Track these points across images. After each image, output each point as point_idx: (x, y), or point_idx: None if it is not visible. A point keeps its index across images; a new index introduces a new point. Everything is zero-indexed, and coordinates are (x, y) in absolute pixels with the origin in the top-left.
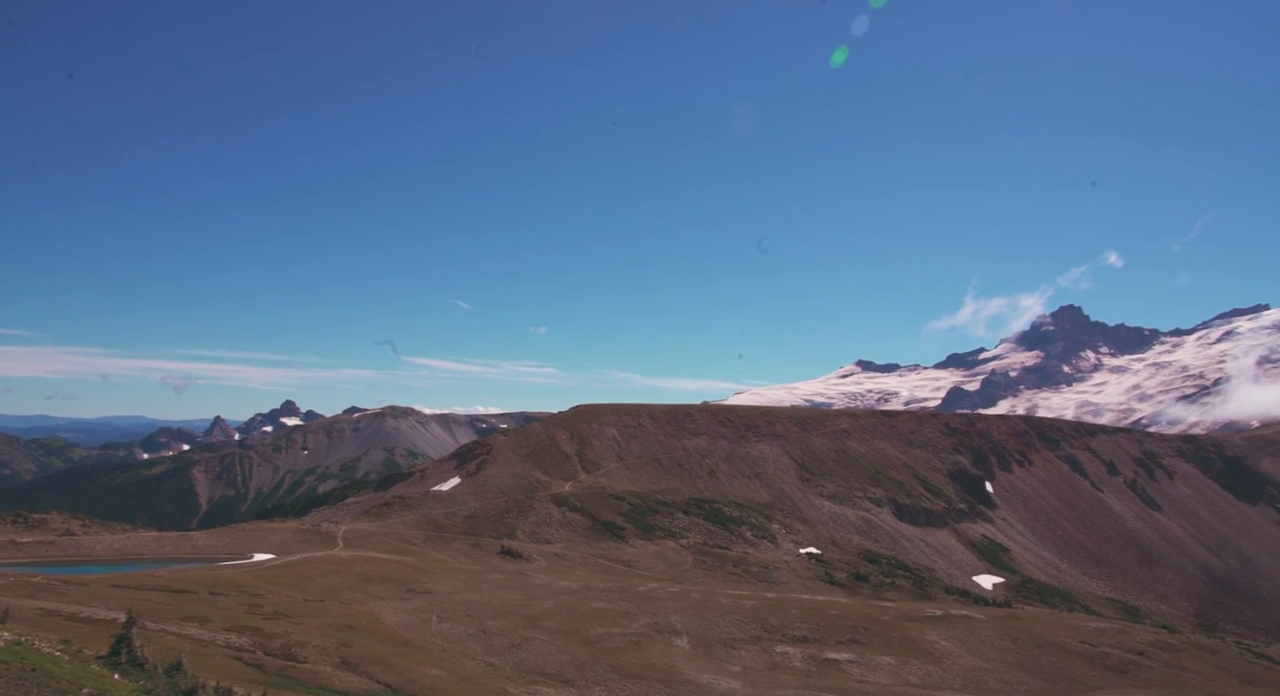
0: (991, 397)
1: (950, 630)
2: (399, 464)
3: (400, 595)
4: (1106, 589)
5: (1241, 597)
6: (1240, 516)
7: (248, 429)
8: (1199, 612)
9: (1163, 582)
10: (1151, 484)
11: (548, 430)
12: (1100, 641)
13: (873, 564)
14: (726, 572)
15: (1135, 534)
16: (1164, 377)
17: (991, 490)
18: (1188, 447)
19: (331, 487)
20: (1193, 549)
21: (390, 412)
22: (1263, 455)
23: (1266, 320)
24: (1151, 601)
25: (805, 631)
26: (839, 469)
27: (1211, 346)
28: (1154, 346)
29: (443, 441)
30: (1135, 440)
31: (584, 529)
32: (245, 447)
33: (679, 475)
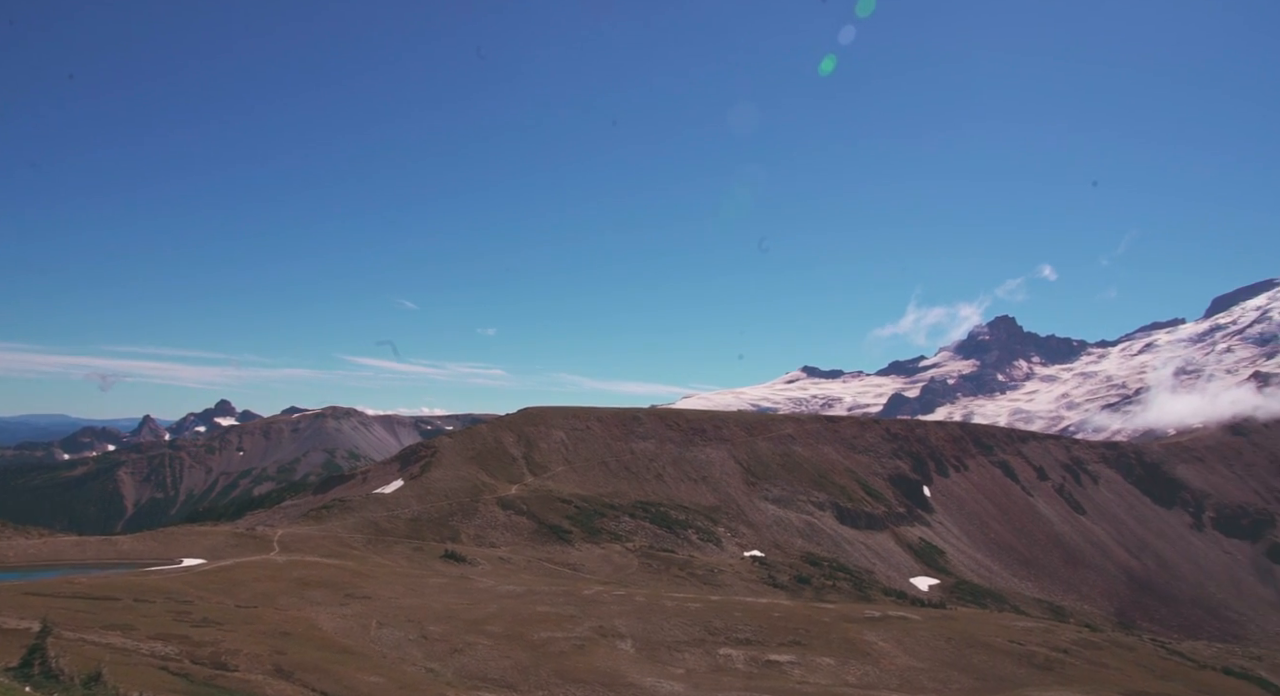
0: (931, 404)
1: (888, 631)
2: (340, 466)
3: (339, 600)
4: (1034, 589)
5: (1157, 597)
6: (1157, 520)
7: (179, 429)
8: (1119, 611)
9: (1086, 583)
10: (1077, 489)
11: (494, 432)
12: (1028, 640)
13: (815, 566)
14: (672, 575)
15: (1062, 537)
16: (1090, 387)
17: (929, 494)
18: (1111, 454)
19: (268, 490)
20: (1114, 551)
21: (332, 413)
22: (1178, 461)
23: (1183, 334)
24: (1076, 601)
25: (748, 633)
26: (784, 473)
27: (1133, 358)
28: (1081, 357)
29: (386, 443)
30: (1063, 446)
31: (530, 532)
32: (176, 448)
33: (626, 478)
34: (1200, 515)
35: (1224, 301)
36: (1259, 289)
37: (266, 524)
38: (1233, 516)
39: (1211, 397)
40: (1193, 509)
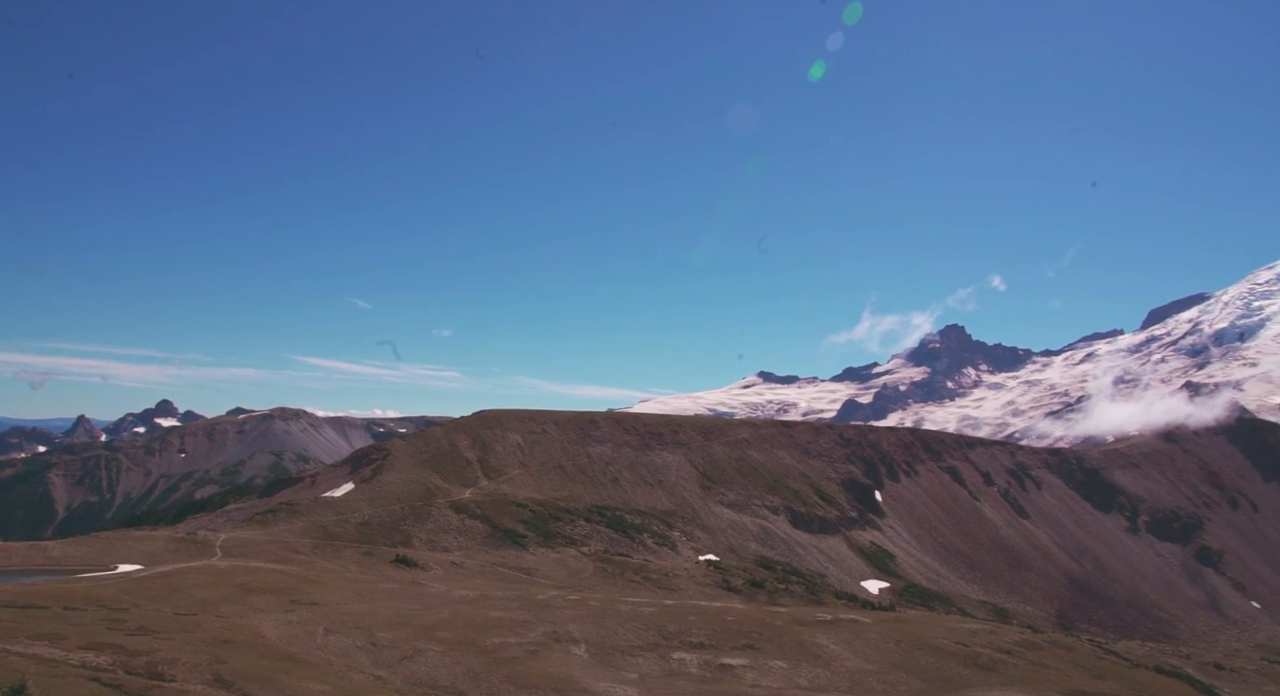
0: (883, 410)
1: (839, 634)
2: (288, 469)
3: (284, 607)
4: (980, 592)
5: (1096, 599)
6: (1096, 524)
7: (116, 430)
8: (1059, 613)
9: (1029, 585)
10: (1021, 493)
11: (449, 435)
12: (973, 641)
13: (769, 570)
14: (627, 580)
15: (1006, 540)
16: (1035, 395)
17: (880, 499)
18: (1053, 460)
19: (211, 493)
20: (1055, 554)
21: (280, 414)
22: (1116, 467)
23: (1121, 344)
24: (1019, 603)
25: (702, 637)
26: (739, 477)
27: (1075, 367)
28: (1027, 365)
29: (336, 446)
30: (1008, 452)
31: (484, 536)
32: (113, 450)
33: (582, 482)
34: (1135, 519)
35: (1159, 314)
36: (1191, 302)
37: (209, 528)
38: (1165, 520)
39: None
40: (1129, 513)
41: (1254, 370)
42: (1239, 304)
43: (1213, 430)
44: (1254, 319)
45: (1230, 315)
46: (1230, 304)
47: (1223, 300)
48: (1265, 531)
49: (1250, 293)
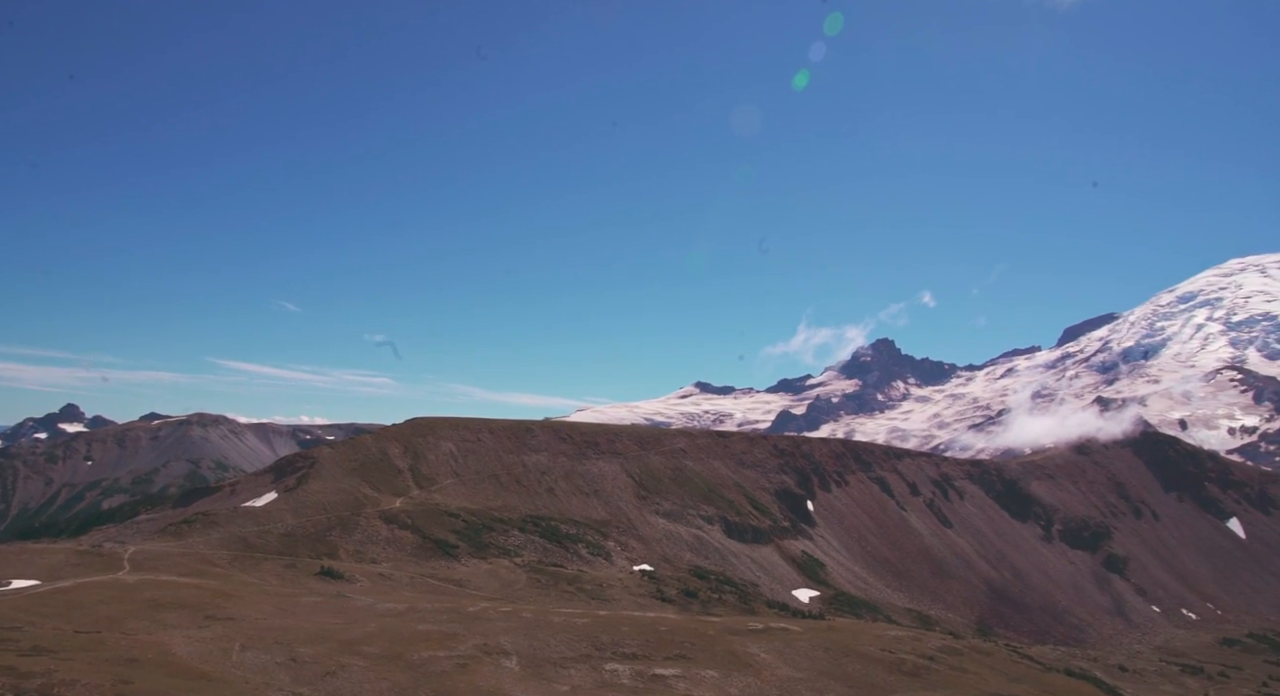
0: (816, 421)
1: (770, 643)
2: (205, 477)
3: (197, 622)
4: (905, 599)
5: (1013, 605)
6: (1014, 533)
7: (14, 435)
8: (979, 619)
9: (951, 593)
10: (945, 503)
11: (379, 443)
12: (898, 648)
13: (702, 580)
14: (560, 591)
15: (931, 549)
16: (959, 408)
17: (812, 508)
18: (975, 471)
19: (120, 503)
20: (976, 563)
21: (198, 420)
22: (1032, 478)
23: (1039, 360)
24: (941, 610)
25: (635, 648)
26: (675, 487)
27: (997, 381)
28: (952, 379)
29: (259, 453)
30: (934, 463)
31: (414, 547)
32: (9, 456)
33: (517, 492)
34: (1050, 528)
35: (1073, 332)
36: (1102, 321)
37: (116, 540)
38: (1077, 529)
39: (1062, 420)
40: (1043, 522)
41: (1157, 386)
42: (1144, 324)
43: (1120, 443)
44: (1157, 338)
45: (1136, 334)
46: (1136, 324)
47: (1129, 320)
48: (1165, 539)
49: (1154, 313)
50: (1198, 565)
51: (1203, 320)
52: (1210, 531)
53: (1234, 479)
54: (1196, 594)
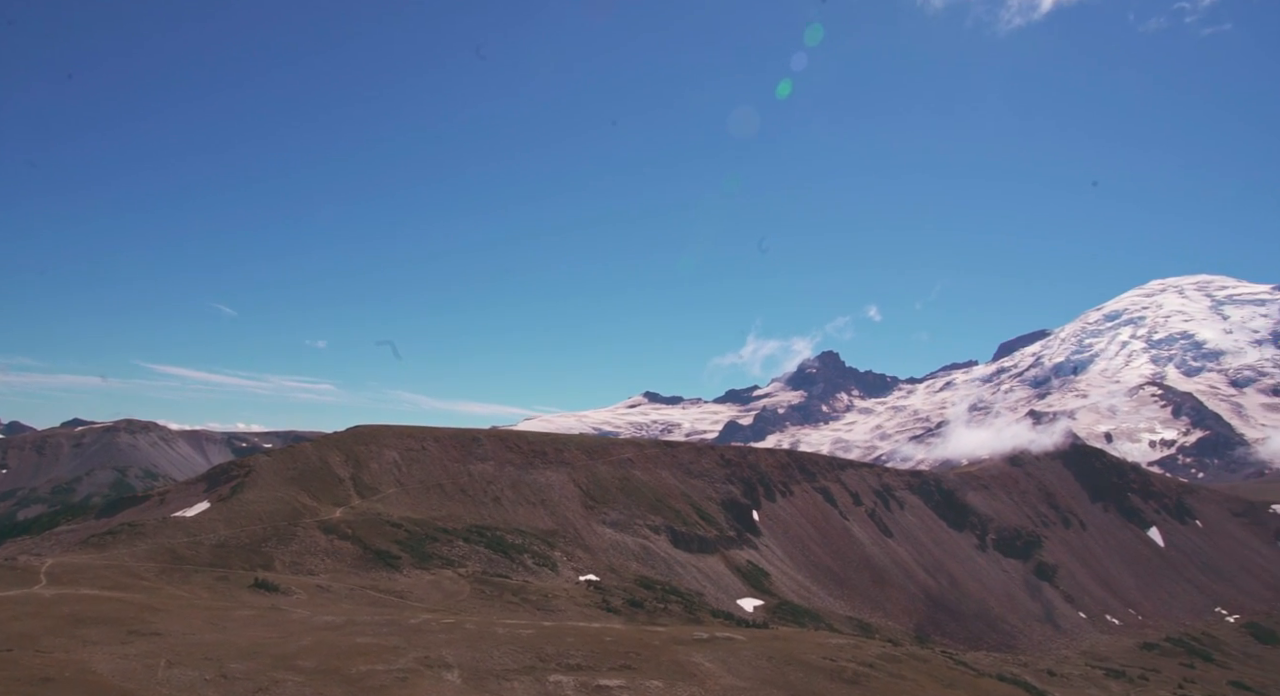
0: (762, 432)
1: (714, 652)
2: (133, 486)
3: (120, 639)
4: (846, 608)
5: (949, 613)
6: (951, 542)
7: None
8: (917, 627)
9: (891, 601)
10: (886, 513)
11: (320, 451)
12: (839, 656)
13: (648, 590)
14: (505, 602)
15: (871, 558)
16: (900, 420)
17: (758, 518)
18: (915, 481)
19: (39, 514)
20: (915, 571)
21: (126, 427)
22: (969, 489)
23: (976, 374)
24: (881, 618)
25: (580, 659)
26: (622, 497)
27: (936, 394)
28: (894, 392)
29: (192, 462)
30: (876, 474)
31: (354, 558)
32: None
33: (462, 501)
34: (984, 537)
35: (1008, 347)
36: (1034, 337)
37: (32, 552)
38: (1009, 538)
39: (997, 432)
40: (979, 532)
41: (1085, 401)
42: (1073, 340)
43: (1051, 455)
44: (1085, 355)
45: (1066, 350)
46: (1066, 340)
47: (1060, 337)
48: (1091, 547)
49: (1083, 331)
50: (1121, 572)
51: (1127, 338)
52: (1132, 540)
53: (1154, 490)
54: (1119, 600)
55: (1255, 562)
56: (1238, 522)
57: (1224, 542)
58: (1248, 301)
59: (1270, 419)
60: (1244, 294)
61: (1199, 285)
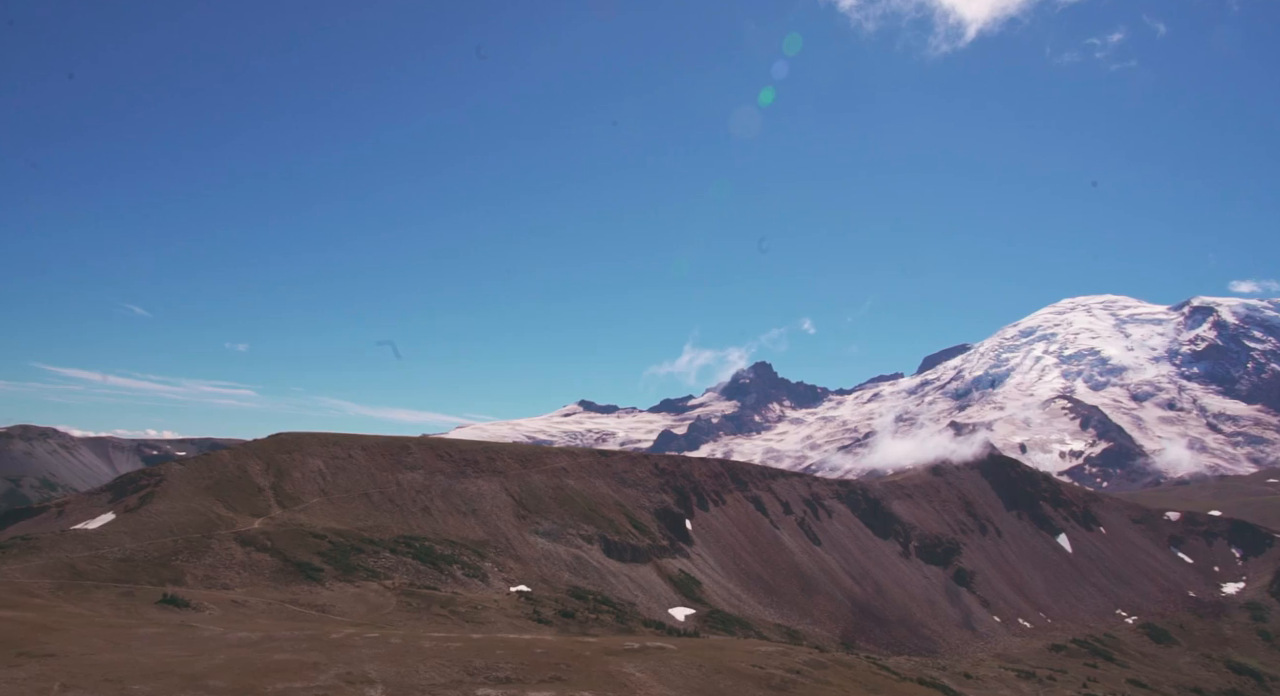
0: (696, 441)
1: (645, 662)
2: (28, 497)
3: (9, 661)
4: (776, 615)
5: (874, 619)
6: (876, 550)
7: None
8: (844, 633)
9: (819, 608)
10: (815, 522)
11: (238, 460)
12: (767, 663)
13: (580, 600)
14: (433, 614)
15: (800, 566)
16: (830, 430)
17: (690, 527)
18: (842, 490)
19: None
20: (842, 579)
21: (20, 433)
22: (894, 498)
23: (902, 386)
24: (809, 625)
25: (509, 671)
26: (555, 506)
27: (864, 405)
28: (824, 402)
29: (96, 471)
30: (805, 483)
31: (273, 571)
32: None
33: (390, 511)
34: (908, 545)
35: (931, 360)
36: (956, 351)
37: None
38: (931, 546)
39: (921, 443)
40: (902, 539)
41: (1002, 413)
42: (991, 355)
43: (970, 465)
44: (1002, 369)
45: (985, 364)
46: (985, 354)
47: (979, 351)
48: (1005, 554)
49: (1000, 346)
50: (1032, 577)
51: (1040, 353)
52: (1043, 546)
53: (1063, 498)
54: (1031, 604)
55: (1152, 567)
56: (1137, 529)
57: (1124, 548)
58: (1147, 321)
59: (1166, 431)
60: (1144, 314)
61: (1105, 304)
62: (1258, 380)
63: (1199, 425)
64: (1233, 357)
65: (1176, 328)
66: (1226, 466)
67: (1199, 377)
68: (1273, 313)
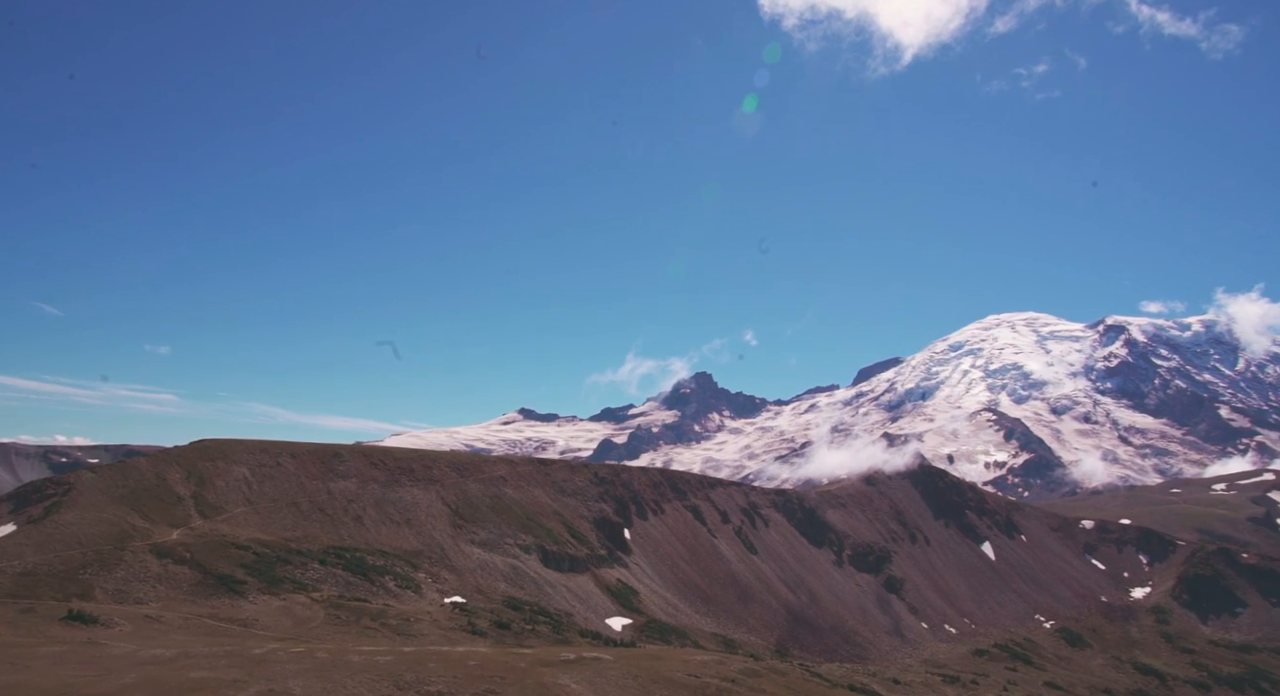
0: (636, 450)
1: (581, 673)
2: None
3: None
4: (712, 624)
5: (807, 627)
6: (811, 558)
7: None
8: (778, 641)
9: (754, 617)
10: (752, 531)
11: (156, 467)
12: (703, 672)
13: (516, 611)
14: (363, 627)
15: (737, 575)
16: (767, 440)
17: (629, 537)
18: (779, 500)
19: None
20: (777, 587)
21: None
22: (828, 507)
23: (837, 397)
24: (744, 633)
25: (441, 685)
26: (493, 515)
27: (801, 416)
28: (762, 413)
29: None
30: (743, 492)
31: (192, 584)
32: None
33: (320, 521)
34: (841, 553)
35: (866, 373)
36: (889, 364)
37: None
38: (863, 554)
39: (855, 453)
40: (836, 548)
41: (931, 425)
42: (922, 368)
43: (901, 475)
44: (933, 382)
45: (916, 377)
46: (916, 368)
47: (911, 364)
48: (933, 561)
49: (930, 359)
50: (958, 584)
51: (968, 367)
52: (969, 554)
53: (987, 507)
54: (956, 610)
55: (1068, 573)
56: (1054, 537)
57: (1043, 555)
58: (1066, 338)
59: (1082, 443)
60: (1063, 331)
61: (1027, 321)
62: (1164, 395)
63: (1111, 438)
64: (1142, 374)
65: (1092, 345)
66: (1136, 477)
67: (1112, 392)
68: (1176, 332)
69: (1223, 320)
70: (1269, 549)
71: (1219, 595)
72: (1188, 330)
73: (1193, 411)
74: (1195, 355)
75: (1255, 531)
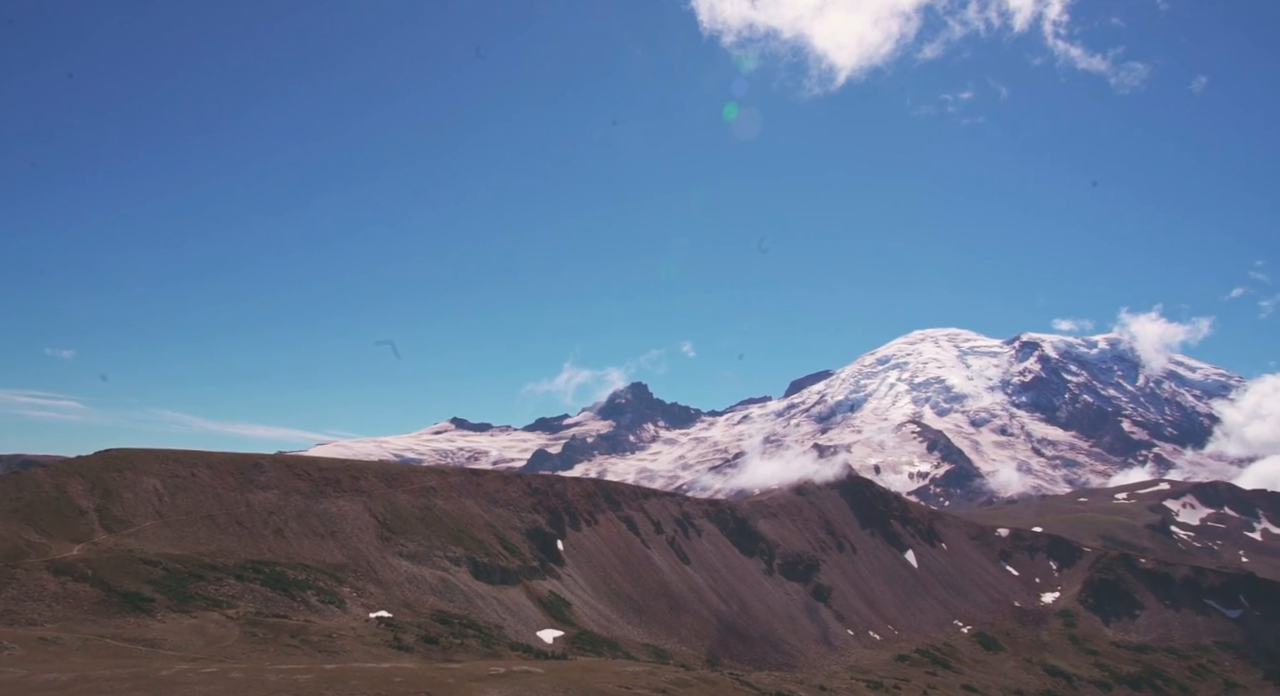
0: (571, 461)
1: (510, 687)
2: None
3: None
4: (644, 635)
5: (738, 636)
6: (742, 568)
7: None
8: (709, 651)
9: (686, 627)
10: (685, 541)
11: (56, 479)
12: (634, 683)
13: (445, 625)
14: (282, 644)
15: (670, 585)
16: (701, 450)
17: (562, 548)
18: (712, 510)
19: None
20: (709, 597)
21: None
22: (760, 517)
23: (770, 409)
24: (676, 644)
25: None
26: (422, 527)
27: (734, 427)
28: (697, 424)
29: None
30: (677, 503)
31: (93, 603)
32: None
33: (238, 534)
34: (771, 562)
35: (798, 384)
36: (820, 376)
37: None
38: (793, 563)
39: (786, 464)
40: (767, 557)
41: (859, 436)
42: (851, 381)
43: (831, 485)
44: (861, 394)
45: (845, 390)
46: (846, 380)
47: (841, 377)
48: (860, 570)
49: (859, 372)
50: (883, 592)
51: (894, 381)
52: (893, 562)
53: (911, 516)
54: (880, 617)
55: (985, 580)
56: (973, 545)
57: (962, 562)
58: (984, 353)
59: (999, 455)
60: (982, 346)
61: (949, 337)
62: (1073, 409)
63: (1026, 449)
64: (1054, 388)
65: (1009, 360)
66: (1047, 487)
67: (1026, 406)
68: (1084, 349)
69: (1126, 338)
70: (1164, 554)
71: (1120, 598)
72: (1094, 347)
73: (1098, 424)
74: (1101, 371)
75: (1153, 537)
